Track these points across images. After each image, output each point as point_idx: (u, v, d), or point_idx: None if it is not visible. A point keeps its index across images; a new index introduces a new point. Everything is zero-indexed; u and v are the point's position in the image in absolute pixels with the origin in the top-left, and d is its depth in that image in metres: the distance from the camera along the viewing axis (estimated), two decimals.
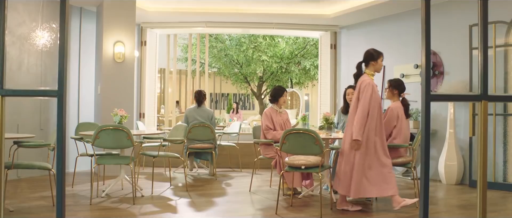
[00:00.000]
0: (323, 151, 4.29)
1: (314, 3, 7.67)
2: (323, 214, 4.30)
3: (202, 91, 6.95)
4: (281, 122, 5.67)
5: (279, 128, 5.59)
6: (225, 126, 9.56)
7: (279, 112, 5.70)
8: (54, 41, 6.29)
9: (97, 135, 4.58)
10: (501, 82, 5.97)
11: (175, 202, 4.90)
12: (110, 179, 5.84)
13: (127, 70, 6.88)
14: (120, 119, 5.15)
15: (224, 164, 7.62)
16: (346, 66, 8.63)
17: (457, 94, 1.66)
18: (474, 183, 6.06)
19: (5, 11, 1.70)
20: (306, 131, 4.32)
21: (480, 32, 1.69)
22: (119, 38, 6.81)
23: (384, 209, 4.68)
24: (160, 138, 5.78)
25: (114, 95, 6.73)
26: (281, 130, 5.52)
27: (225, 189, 5.80)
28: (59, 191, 1.60)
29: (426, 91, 1.61)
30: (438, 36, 6.71)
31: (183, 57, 15.27)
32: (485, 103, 1.68)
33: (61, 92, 1.62)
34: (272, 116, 5.64)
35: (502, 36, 5.94)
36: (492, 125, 5.98)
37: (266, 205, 4.82)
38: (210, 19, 8.38)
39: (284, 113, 5.79)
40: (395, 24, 7.62)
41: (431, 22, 5.59)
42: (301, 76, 15.83)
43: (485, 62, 1.72)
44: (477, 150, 1.62)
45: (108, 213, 4.32)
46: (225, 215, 4.36)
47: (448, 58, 6.71)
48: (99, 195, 5.06)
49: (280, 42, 14.86)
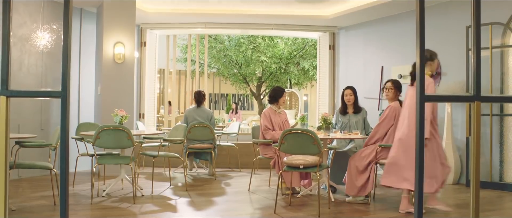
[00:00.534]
0: (321, 151, 4.35)
1: (312, 4, 7.72)
2: (321, 213, 4.35)
3: (202, 92, 7.00)
4: (280, 123, 5.71)
5: (278, 128, 5.64)
6: (225, 127, 9.61)
7: (278, 112, 5.75)
8: (55, 42, 6.34)
9: (98, 135, 4.64)
10: (497, 82, 6.03)
11: (175, 201, 4.95)
12: (110, 179, 5.89)
13: (127, 70, 6.93)
14: (121, 119, 5.20)
15: (224, 164, 7.68)
16: (344, 66, 8.69)
17: (450, 95, 1.71)
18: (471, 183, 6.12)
19: (10, 13, 1.73)
20: (304, 131, 4.38)
21: (473, 35, 1.74)
22: (119, 39, 6.86)
23: (381, 208, 4.74)
24: (160, 138, 5.84)
25: (114, 96, 6.78)
26: (280, 130, 5.58)
27: (225, 189, 5.85)
28: (63, 191, 1.61)
29: (420, 92, 1.65)
30: (435, 37, 6.77)
31: (182, 58, 15.33)
32: (478, 103, 1.71)
33: (65, 93, 1.65)
34: (271, 117, 5.68)
35: (498, 37, 6.00)
36: (488, 125, 6.05)
37: (265, 204, 4.88)
38: (209, 20, 8.44)
39: (283, 114, 5.85)
40: (392, 25, 7.68)
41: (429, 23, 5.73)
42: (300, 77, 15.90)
43: (478, 63, 1.76)
44: (471, 149, 1.67)
45: (109, 212, 4.37)
46: (224, 215, 4.41)
47: (446, 59, 6.75)
48: (99, 195, 5.11)
49: (279, 43, 14.92)
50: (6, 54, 1.75)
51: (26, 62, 6.39)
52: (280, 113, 5.79)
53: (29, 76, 6.40)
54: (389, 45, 7.71)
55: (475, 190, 1.73)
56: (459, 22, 6.41)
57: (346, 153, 5.48)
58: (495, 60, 6.03)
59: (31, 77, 6.44)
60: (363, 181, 4.88)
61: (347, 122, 5.70)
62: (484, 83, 6.13)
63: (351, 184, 4.92)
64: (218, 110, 19.57)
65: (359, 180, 4.89)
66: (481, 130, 6.20)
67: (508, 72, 5.99)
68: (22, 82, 6.27)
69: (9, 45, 1.75)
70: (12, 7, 1.95)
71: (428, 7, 6.86)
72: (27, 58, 6.39)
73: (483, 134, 6.16)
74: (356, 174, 4.92)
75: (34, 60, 6.50)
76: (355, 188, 4.89)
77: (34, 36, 6.28)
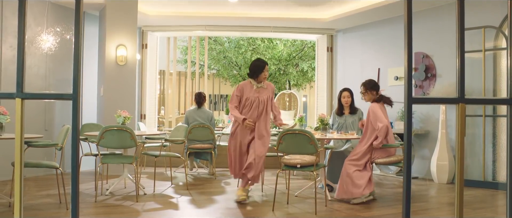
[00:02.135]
0: (318, 150, 4.50)
1: (310, 7, 7.88)
2: (318, 211, 4.50)
3: (202, 93, 7.15)
4: (255, 100, 5.01)
5: (249, 105, 5.02)
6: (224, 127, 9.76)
7: (257, 87, 5.06)
8: (59, 45, 6.49)
9: (102, 136, 4.79)
10: (490, 84, 6.19)
11: (177, 199, 5.10)
12: (112, 178, 6.04)
13: (129, 72, 7.08)
14: (124, 120, 5.36)
15: (223, 164, 7.82)
16: (342, 68, 8.84)
17: (435, 98, 1.82)
18: (465, 182, 6.28)
19: (24, 25, 1.85)
20: (301, 131, 4.53)
21: (457, 40, 1.85)
22: (121, 41, 7.01)
23: (377, 206, 4.89)
24: (162, 138, 5.99)
25: (116, 97, 6.93)
26: (249, 110, 5.00)
27: (224, 188, 6.00)
28: (74, 190, 1.68)
29: (408, 94, 1.75)
30: (430, 39, 6.93)
31: (182, 59, 15.47)
32: (462, 105, 1.80)
33: (76, 96, 1.77)
34: (244, 90, 5.04)
35: (491, 40, 6.16)
36: (482, 126, 6.21)
37: (263, 202, 5.03)
38: (210, 22, 8.59)
39: (264, 90, 5.07)
40: (389, 28, 7.83)
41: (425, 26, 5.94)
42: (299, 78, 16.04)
43: (462, 66, 1.86)
44: (456, 150, 1.77)
45: (113, 209, 4.52)
46: (224, 212, 4.56)
47: (441, 61, 6.92)
48: (103, 193, 5.26)
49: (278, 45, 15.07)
50: (21, 60, 1.88)
51: (31, 64, 6.54)
52: (260, 88, 5.06)
53: (32, 78, 6.55)
54: (385, 47, 7.86)
55: (460, 190, 1.79)
56: (453, 25, 6.55)
57: (343, 153, 5.63)
58: (488, 63, 6.19)
59: (35, 79, 6.59)
60: (365, 180, 4.92)
61: (343, 122, 5.85)
62: (477, 85, 6.29)
63: (342, 188, 4.98)
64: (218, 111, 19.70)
65: (359, 180, 4.95)
66: (474, 131, 6.35)
67: (500, 74, 6.15)
68: (26, 83, 6.40)
69: (24, 52, 1.87)
70: (14, 11, 2.08)
71: (424, 10, 7.02)
72: (31, 60, 6.54)
73: (476, 135, 6.32)
74: (349, 180, 4.96)
75: (38, 62, 6.65)
76: (349, 192, 4.91)
77: (39, 39, 6.43)
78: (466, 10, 1.86)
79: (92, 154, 5.54)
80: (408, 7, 1.75)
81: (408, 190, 1.82)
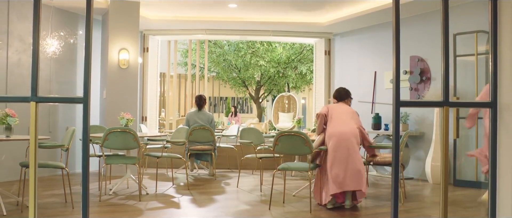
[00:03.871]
0: (312, 151, 4.66)
1: (309, 12, 8.05)
2: (313, 210, 4.67)
3: (203, 96, 7.32)
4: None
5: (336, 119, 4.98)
6: (224, 129, 9.92)
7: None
8: (63, 49, 6.66)
9: (106, 137, 4.96)
10: (482, 87, 6.36)
11: (178, 199, 5.27)
12: (115, 179, 6.21)
13: (131, 75, 7.25)
14: (127, 122, 5.53)
15: (223, 165, 7.99)
16: (339, 71, 9.02)
17: (422, 101, 1.96)
18: (458, 182, 6.46)
19: (38, 34, 1.92)
20: (297, 133, 4.71)
21: (442, 46, 2.00)
22: (123, 45, 7.18)
23: (372, 205, 5.06)
24: (164, 140, 6.16)
25: (118, 100, 7.10)
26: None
27: (224, 188, 6.16)
28: (84, 189, 1.78)
29: (396, 98, 1.86)
30: (425, 43, 7.10)
31: (183, 62, 15.65)
32: (446, 108, 1.94)
33: (86, 99, 1.89)
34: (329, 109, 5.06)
35: (483, 44, 6.34)
36: (475, 127, 6.37)
37: (261, 201, 5.20)
38: (210, 26, 8.77)
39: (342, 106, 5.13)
40: (385, 32, 8.00)
41: (420, 30, 6.19)
42: (298, 81, 16.23)
43: (447, 71, 1.99)
44: (440, 151, 1.89)
45: (117, 208, 4.69)
46: (224, 210, 4.72)
47: (436, 65, 7.10)
48: (106, 193, 5.42)
49: (277, 48, 15.26)
50: (35, 66, 2.02)
51: None
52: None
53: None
54: (381, 51, 8.04)
55: (444, 191, 1.91)
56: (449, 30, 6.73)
57: None
58: (481, 66, 6.36)
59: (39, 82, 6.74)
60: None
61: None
62: (470, 87, 6.46)
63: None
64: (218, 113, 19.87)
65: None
66: (468, 132, 6.52)
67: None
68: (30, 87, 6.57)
69: (38, 58, 1.98)
70: (19, 16, 2.22)
71: (418, 15, 7.20)
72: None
73: (469, 136, 6.49)
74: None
75: (43, 65, 6.81)
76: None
77: (44, 43, 6.59)
78: (460, 15, 2.02)
79: (96, 155, 5.70)
80: (396, 13, 1.90)
81: (396, 187, 1.92)
